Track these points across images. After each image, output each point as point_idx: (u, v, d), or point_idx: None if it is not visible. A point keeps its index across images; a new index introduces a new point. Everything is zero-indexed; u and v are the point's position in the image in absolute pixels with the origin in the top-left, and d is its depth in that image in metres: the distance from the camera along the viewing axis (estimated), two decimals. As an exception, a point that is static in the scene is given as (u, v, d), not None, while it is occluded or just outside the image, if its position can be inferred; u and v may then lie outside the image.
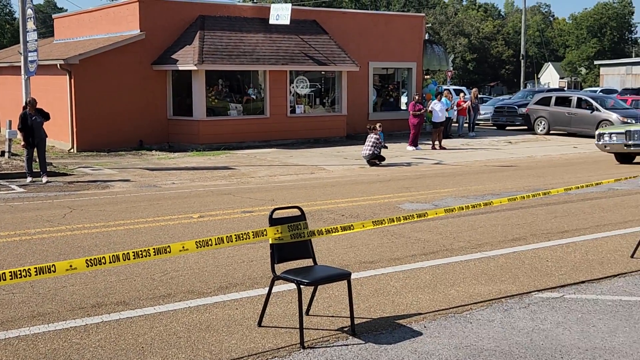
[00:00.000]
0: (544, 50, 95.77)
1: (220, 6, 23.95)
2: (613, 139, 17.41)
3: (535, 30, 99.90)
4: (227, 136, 22.25)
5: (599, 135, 17.90)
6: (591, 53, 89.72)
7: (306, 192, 13.06)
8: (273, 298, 6.12)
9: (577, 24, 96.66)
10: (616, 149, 17.51)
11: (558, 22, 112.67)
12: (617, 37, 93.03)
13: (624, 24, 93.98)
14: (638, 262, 7.47)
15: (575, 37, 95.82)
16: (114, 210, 11.00)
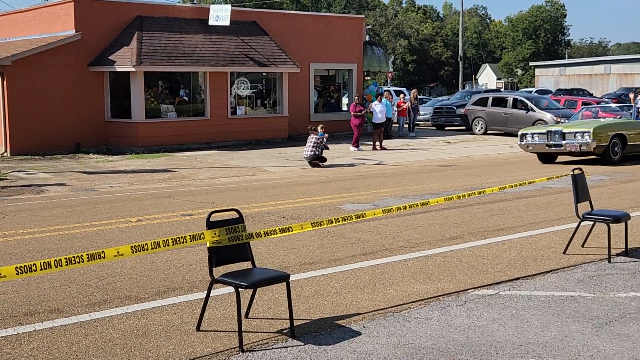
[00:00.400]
0: (481, 52, 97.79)
1: (159, 7, 23.65)
2: (535, 139, 17.47)
3: (472, 32, 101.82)
4: (167, 138, 21.99)
5: (521, 135, 17.93)
6: (527, 54, 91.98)
7: (247, 194, 13.01)
8: (212, 302, 6.08)
9: (513, 26, 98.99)
10: (538, 149, 17.58)
11: (495, 24, 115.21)
12: (551, 39, 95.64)
13: (557, 26, 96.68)
14: (570, 258, 7.68)
15: (511, 39, 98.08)
16: (49, 215, 10.74)
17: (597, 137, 16.50)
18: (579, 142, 16.58)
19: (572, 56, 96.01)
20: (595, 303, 6.09)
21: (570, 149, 16.81)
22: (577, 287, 6.57)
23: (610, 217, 7.59)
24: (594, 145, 16.48)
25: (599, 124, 17.12)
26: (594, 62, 66.82)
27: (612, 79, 61.39)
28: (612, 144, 16.90)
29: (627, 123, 17.93)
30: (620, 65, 62.80)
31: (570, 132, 16.80)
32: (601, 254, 7.74)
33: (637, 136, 17.48)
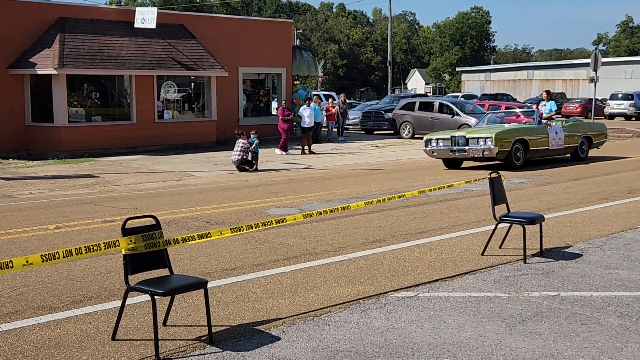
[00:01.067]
0: (410, 57, 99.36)
1: (82, 8, 23.12)
2: (440, 144, 17.35)
3: (402, 37, 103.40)
4: (92, 143, 21.49)
5: (426, 141, 17.79)
6: (454, 60, 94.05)
7: (172, 199, 12.83)
8: (130, 310, 5.96)
9: (441, 32, 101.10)
10: (442, 154, 17.53)
11: (423, 30, 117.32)
12: (477, 45, 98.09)
13: (482, 32, 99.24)
14: (488, 259, 7.87)
15: (439, 44, 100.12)
16: (-38, 223, 10.32)
17: (499, 143, 16.50)
18: (482, 147, 16.56)
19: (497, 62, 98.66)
20: (510, 303, 6.26)
21: (474, 155, 16.84)
22: (493, 288, 6.74)
23: (526, 219, 7.82)
24: (496, 151, 16.47)
25: (501, 130, 17.13)
26: (518, 68, 68.90)
27: (534, 84, 63.39)
28: (515, 149, 16.99)
29: (530, 128, 17.83)
30: (542, 71, 64.95)
31: (473, 137, 16.77)
32: (517, 255, 7.96)
33: (539, 141, 17.62)
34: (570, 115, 46.21)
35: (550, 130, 17.91)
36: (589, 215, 10.70)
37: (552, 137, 17.90)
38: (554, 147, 18.05)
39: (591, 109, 35.75)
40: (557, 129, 18.26)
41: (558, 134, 18.14)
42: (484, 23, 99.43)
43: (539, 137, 17.62)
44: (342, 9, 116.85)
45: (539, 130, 17.78)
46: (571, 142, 18.75)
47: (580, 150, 19.17)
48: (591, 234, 9.21)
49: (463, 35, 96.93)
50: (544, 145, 17.73)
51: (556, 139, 18.06)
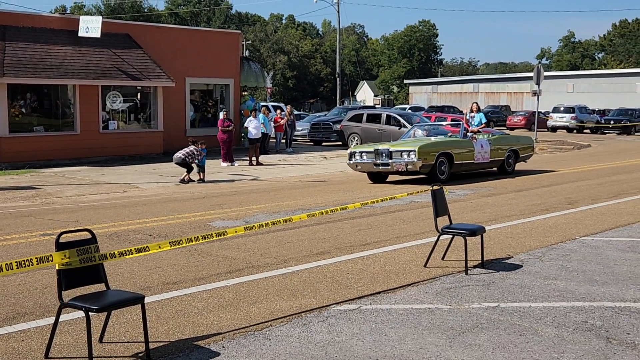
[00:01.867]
0: (359, 69, 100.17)
1: (24, 16, 22.64)
2: (363, 158, 16.90)
3: (350, 49, 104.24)
4: (34, 154, 20.99)
5: (350, 154, 17.32)
6: (402, 72, 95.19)
7: (115, 211, 12.59)
8: (66, 327, 5.81)
9: (389, 45, 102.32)
10: (366, 168, 17.04)
11: (372, 43, 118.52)
12: (424, 58, 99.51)
13: (430, 45, 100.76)
14: (430, 270, 7.93)
15: (387, 57, 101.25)
16: None
17: (423, 156, 16.13)
18: (405, 161, 16.15)
19: (444, 75, 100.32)
20: (451, 314, 6.30)
21: (397, 168, 16.42)
22: (434, 300, 6.79)
23: (467, 231, 7.91)
24: (420, 165, 16.11)
25: (425, 143, 16.71)
26: (464, 81, 70.15)
27: (480, 97, 64.56)
28: (439, 162, 16.65)
29: (454, 142, 17.42)
30: (488, 84, 66.29)
31: (397, 151, 16.38)
32: (459, 266, 8.04)
33: (464, 155, 17.34)
34: (515, 128, 47.23)
35: (475, 144, 17.68)
36: (529, 226, 10.90)
37: (477, 150, 17.68)
38: (479, 160, 17.83)
39: (535, 121, 36.56)
40: (482, 142, 17.99)
41: (484, 148, 17.92)
42: (432, 36, 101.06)
43: (464, 151, 17.37)
44: (292, 20, 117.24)
45: (464, 143, 17.50)
46: (497, 156, 18.54)
47: (507, 164, 18.98)
48: (531, 245, 9.38)
49: (411, 48, 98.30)
50: (469, 159, 17.50)
51: (482, 152, 17.83)
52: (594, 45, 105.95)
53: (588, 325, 6.00)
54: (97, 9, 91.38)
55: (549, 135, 41.21)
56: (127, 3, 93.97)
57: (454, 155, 17.03)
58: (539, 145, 32.40)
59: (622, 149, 31.44)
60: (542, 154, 29.39)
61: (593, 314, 6.30)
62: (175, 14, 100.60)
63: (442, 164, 16.81)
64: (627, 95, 53.90)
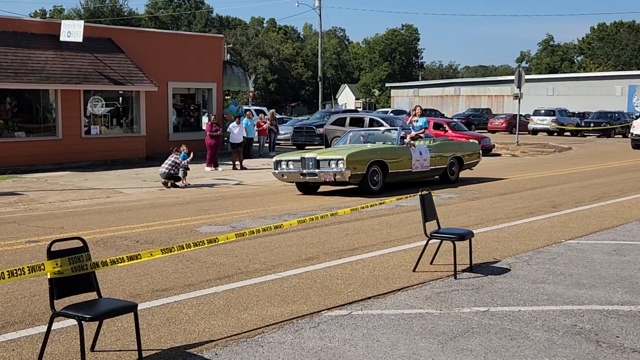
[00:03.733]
0: (340, 73, 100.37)
1: (4, 20, 22.47)
2: (290, 167, 15.45)
3: (332, 53, 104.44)
4: (15, 159, 20.80)
5: (275, 163, 15.80)
6: (383, 76, 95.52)
7: (100, 217, 12.51)
8: (57, 335, 5.77)
9: (370, 48, 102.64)
10: (293, 178, 15.56)
11: (353, 46, 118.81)
12: (405, 62, 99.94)
13: (411, 49, 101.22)
14: (419, 275, 7.97)
15: (368, 60, 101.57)
16: None
17: (352, 165, 14.74)
18: (333, 170, 14.75)
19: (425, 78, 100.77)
20: (442, 319, 6.34)
21: (325, 179, 15.00)
22: (425, 304, 6.82)
23: (456, 235, 7.96)
24: (349, 174, 14.69)
25: (355, 151, 15.36)
26: (445, 84, 70.54)
27: (461, 100, 65.00)
28: (371, 172, 15.26)
29: (389, 149, 16.05)
30: (469, 87, 66.70)
31: (324, 159, 14.97)
32: (448, 271, 8.09)
33: (400, 163, 16.00)
34: (496, 130, 47.56)
35: (413, 151, 16.33)
36: (515, 230, 10.98)
37: (415, 158, 16.34)
38: (418, 169, 16.51)
39: (515, 124, 36.84)
40: (421, 149, 16.70)
41: (423, 155, 16.61)
42: (413, 40, 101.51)
43: (400, 159, 16.03)
44: (273, 24, 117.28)
45: (400, 150, 16.17)
46: (439, 164, 17.24)
47: (450, 172, 17.68)
48: (518, 249, 9.45)
49: (392, 51, 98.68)
50: (406, 168, 16.18)
51: (420, 160, 16.52)
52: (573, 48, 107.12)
53: (577, 328, 6.06)
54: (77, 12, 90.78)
55: (530, 138, 41.53)
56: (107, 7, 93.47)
57: (388, 164, 15.62)
58: (520, 148, 32.67)
59: (603, 151, 31.78)
60: (523, 157, 29.63)
61: (582, 318, 6.36)
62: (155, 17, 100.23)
63: (374, 174, 15.38)
64: (606, 98, 54.50)
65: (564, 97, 56.55)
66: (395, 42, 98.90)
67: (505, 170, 22.26)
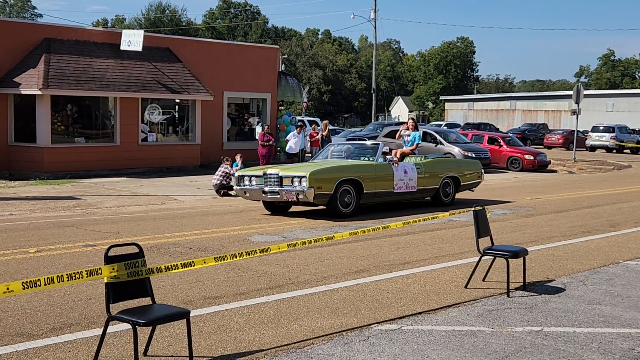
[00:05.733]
0: (394, 85, 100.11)
1: (68, 29, 23.12)
2: (253, 183, 13.92)
3: (386, 65, 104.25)
4: (74, 164, 21.34)
5: (238, 178, 14.35)
6: (437, 89, 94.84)
7: (154, 223, 12.73)
8: (111, 338, 5.88)
9: (425, 60, 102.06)
10: (255, 196, 14.00)
11: (407, 58, 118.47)
12: (460, 75, 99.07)
13: (466, 62, 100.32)
14: (471, 292, 7.87)
15: (423, 73, 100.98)
16: (-60, 244, 10.17)
17: (316, 184, 13.03)
18: (296, 189, 13.10)
19: (480, 91, 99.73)
20: (493, 337, 6.24)
21: (287, 198, 13.30)
22: (476, 322, 6.72)
23: (509, 253, 7.84)
24: (312, 194, 12.99)
25: (320, 167, 13.71)
26: (501, 98, 69.61)
27: (517, 115, 64.03)
28: (342, 192, 13.50)
29: (365, 166, 14.31)
30: (525, 101, 65.68)
31: (287, 176, 13.34)
32: (501, 288, 7.96)
33: (378, 182, 14.22)
34: (552, 146, 46.69)
35: (396, 169, 14.52)
36: (571, 248, 10.75)
37: (398, 177, 14.54)
38: (401, 189, 14.68)
39: (573, 140, 36.14)
40: (407, 167, 14.93)
41: (408, 174, 14.79)
42: (468, 53, 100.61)
43: (379, 177, 14.24)
44: (328, 35, 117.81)
45: (380, 168, 14.37)
46: (429, 184, 15.34)
47: (443, 193, 15.73)
48: (574, 268, 9.25)
49: (447, 64, 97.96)
50: (385, 188, 14.36)
51: (405, 179, 14.70)
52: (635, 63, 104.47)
53: (635, 352, 5.89)
54: (138, 21, 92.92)
55: (588, 155, 40.66)
56: (167, 17, 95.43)
57: (363, 183, 13.82)
58: (577, 165, 32.01)
59: (663, 170, 30.87)
60: (580, 174, 29.02)
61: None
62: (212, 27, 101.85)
63: (345, 194, 13.60)
64: (668, 116, 52.97)
65: (624, 114, 55.17)
66: (450, 54, 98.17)
67: (562, 187, 21.84)
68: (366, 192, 13.96)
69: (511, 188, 21.31)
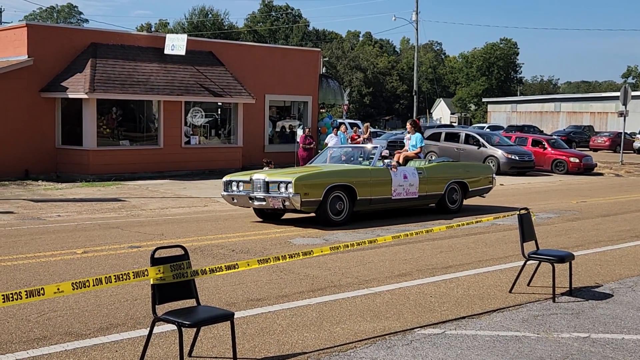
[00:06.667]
0: (436, 87, 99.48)
1: (114, 34, 23.53)
2: (240, 189, 13.11)
3: (428, 67, 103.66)
4: (119, 166, 21.71)
5: (226, 183, 13.48)
6: (480, 90, 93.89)
7: (198, 225, 12.87)
8: (156, 339, 5.96)
9: (467, 62, 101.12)
10: (242, 202, 13.18)
11: (449, 60, 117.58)
12: (503, 76, 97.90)
13: (510, 64, 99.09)
14: (516, 297, 7.77)
15: (465, 74, 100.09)
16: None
17: (303, 190, 12.21)
18: (282, 196, 12.30)
19: (524, 93, 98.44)
20: (539, 343, 6.15)
21: (273, 205, 12.53)
22: (521, 327, 6.64)
23: (555, 257, 7.72)
24: (298, 201, 12.17)
25: (308, 173, 12.92)
26: (545, 100, 68.59)
27: (562, 117, 63.03)
28: (332, 199, 12.67)
29: (359, 171, 13.51)
30: (570, 103, 64.58)
31: (273, 181, 12.55)
32: (546, 293, 7.85)
33: (374, 189, 13.35)
34: (598, 149, 45.83)
35: (395, 174, 13.67)
36: (619, 253, 10.54)
37: (397, 182, 13.67)
38: (400, 196, 13.78)
39: (620, 142, 35.44)
40: (407, 172, 14.03)
41: (408, 179, 13.90)
42: (512, 54, 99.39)
43: (375, 183, 13.37)
44: (369, 37, 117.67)
45: (376, 173, 13.52)
46: (432, 190, 14.44)
47: (449, 199, 14.83)
48: (622, 274, 9.07)
49: (490, 66, 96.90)
50: (383, 194, 13.49)
51: (405, 185, 13.81)
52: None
53: (687, 361, 5.75)
54: (181, 26, 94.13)
55: (636, 157, 39.80)
56: (209, 21, 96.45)
57: (356, 190, 12.98)
58: (624, 168, 31.36)
59: None
60: (628, 176, 28.42)
61: (691, 350, 6.03)
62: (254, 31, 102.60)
63: (337, 201, 12.77)
64: None
65: (673, 115, 53.82)
66: (493, 56, 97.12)
67: (608, 190, 21.43)
68: (360, 199, 13.11)
69: (556, 191, 20.99)
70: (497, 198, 18.25)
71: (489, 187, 15.96)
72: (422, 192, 14.23)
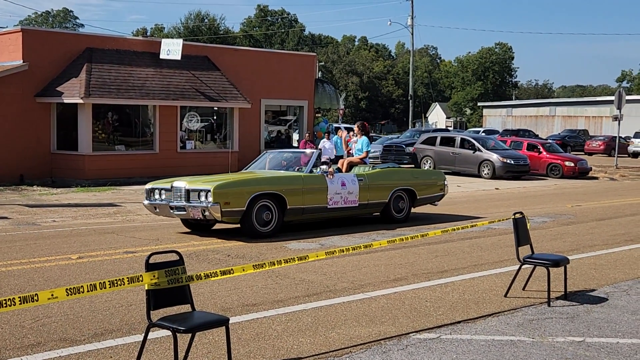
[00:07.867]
0: (431, 91, 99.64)
1: (109, 39, 23.53)
2: (162, 197, 12.15)
3: (423, 71, 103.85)
4: (115, 171, 21.68)
5: (147, 191, 12.46)
6: (475, 95, 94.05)
7: (192, 230, 12.83)
8: (150, 345, 5.95)
9: (463, 66, 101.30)
10: (164, 212, 12.12)
11: (445, 65, 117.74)
12: (499, 81, 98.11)
13: (505, 68, 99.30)
14: (511, 301, 7.78)
15: (460, 79, 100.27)
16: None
17: (223, 199, 11.20)
18: (202, 205, 11.31)
19: (519, 97, 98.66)
20: (534, 348, 6.16)
21: (194, 216, 11.55)
22: (517, 331, 6.64)
23: (550, 261, 7.73)
24: (218, 211, 11.17)
25: (229, 180, 11.95)
26: (540, 104, 68.78)
27: (557, 121, 63.20)
28: (258, 208, 11.68)
29: (290, 178, 12.44)
30: (565, 107, 64.78)
31: (194, 189, 11.58)
32: (541, 297, 7.86)
33: (307, 197, 12.36)
34: (593, 153, 45.94)
35: (331, 182, 12.69)
36: (614, 257, 10.56)
37: (334, 190, 12.68)
38: (337, 204, 12.79)
39: (614, 146, 35.54)
40: (346, 179, 13.04)
41: (347, 187, 12.91)
42: (507, 59, 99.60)
43: (308, 191, 12.38)
44: (364, 42, 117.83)
45: (309, 180, 12.48)
46: (375, 198, 13.44)
47: (395, 208, 13.86)
48: (617, 277, 9.08)
49: (485, 70, 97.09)
50: (317, 202, 12.52)
51: (342, 193, 12.84)
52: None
53: (681, 365, 5.76)
54: (177, 30, 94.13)
55: (630, 162, 39.92)
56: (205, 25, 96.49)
57: (286, 198, 11.98)
58: (619, 172, 31.44)
59: None
60: (622, 180, 28.50)
61: (686, 354, 6.04)
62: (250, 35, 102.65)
63: (264, 211, 11.80)
64: None
65: (667, 119, 54.02)
66: (489, 60, 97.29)
67: (603, 194, 21.49)
68: (291, 208, 12.09)
69: (551, 195, 21.03)
70: (493, 202, 18.29)
71: (440, 195, 14.92)
72: (363, 200, 13.24)
